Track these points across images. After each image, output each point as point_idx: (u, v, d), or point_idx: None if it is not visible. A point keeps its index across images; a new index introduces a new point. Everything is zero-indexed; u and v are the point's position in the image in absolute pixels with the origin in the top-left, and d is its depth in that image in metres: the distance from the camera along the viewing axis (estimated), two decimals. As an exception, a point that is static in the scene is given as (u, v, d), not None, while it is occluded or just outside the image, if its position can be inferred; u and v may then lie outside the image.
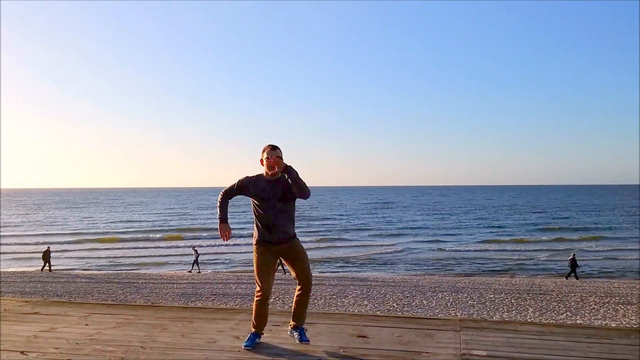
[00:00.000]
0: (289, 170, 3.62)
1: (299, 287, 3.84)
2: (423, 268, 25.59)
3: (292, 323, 3.90)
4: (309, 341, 3.79)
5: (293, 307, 3.89)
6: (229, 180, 3.78)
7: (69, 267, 26.02)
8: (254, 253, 3.82)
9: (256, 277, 3.80)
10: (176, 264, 27.60)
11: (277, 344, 3.87)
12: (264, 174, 3.76)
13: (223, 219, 3.84)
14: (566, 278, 20.93)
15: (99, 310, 5.07)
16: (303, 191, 3.68)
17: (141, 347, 3.81)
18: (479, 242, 36.31)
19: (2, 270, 23.76)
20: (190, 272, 23.43)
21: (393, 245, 34.92)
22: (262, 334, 3.92)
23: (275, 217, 3.71)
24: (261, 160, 3.73)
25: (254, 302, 3.84)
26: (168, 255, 31.42)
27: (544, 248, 32.81)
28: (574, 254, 22.06)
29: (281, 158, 3.67)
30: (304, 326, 3.90)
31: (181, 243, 37.30)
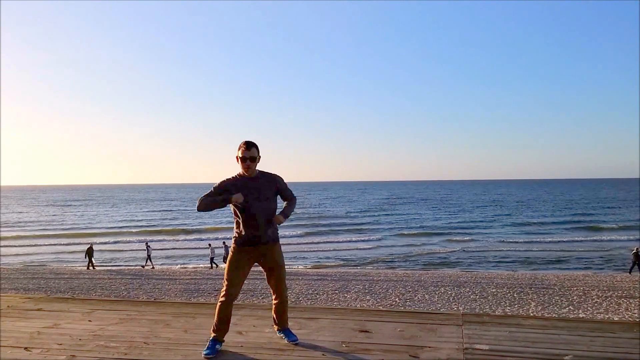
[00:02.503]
0: (285, 218, 3.62)
1: (274, 297, 3.79)
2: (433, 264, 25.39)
3: (275, 327, 3.88)
4: (297, 339, 3.76)
5: (272, 314, 3.85)
6: (224, 175, 3.68)
7: (71, 263, 26.14)
8: (230, 251, 3.69)
9: (225, 277, 3.66)
10: (177, 258, 27.67)
11: (280, 339, 3.87)
12: (241, 173, 3.61)
13: (224, 197, 3.51)
14: (630, 273, 20.51)
15: (102, 306, 5.08)
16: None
17: (144, 342, 3.82)
18: (504, 242, 34.08)
19: (6, 267, 23.85)
20: (143, 267, 23.79)
21: (430, 244, 33.03)
22: (223, 341, 3.69)
23: (255, 217, 3.56)
24: (237, 158, 3.57)
25: (218, 303, 3.68)
26: (170, 248, 31.50)
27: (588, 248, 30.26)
28: (637, 248, 21.46)
29: (256, 157, 3.55)
30: (287, 327, 3.86)
31: (180, 237, 37.42)
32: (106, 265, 25.40)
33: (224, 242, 25.53)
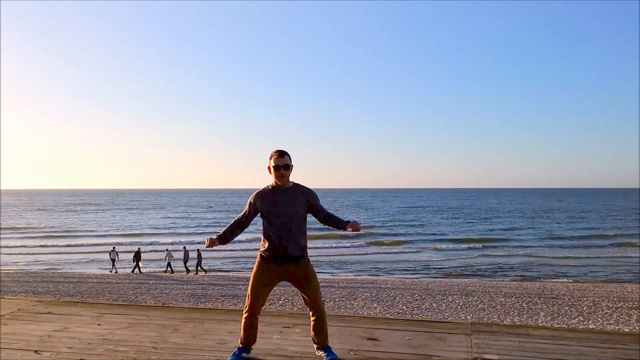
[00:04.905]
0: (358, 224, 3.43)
1: (311, 314, 3.61)
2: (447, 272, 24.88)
3: (315, 346, 3.67)
4: (337, 358, 3.56)
5: (311, 332, 3.64)
6: (233, 180, 3.63)
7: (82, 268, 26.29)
8: (255, 264, 3.54)
9: (248, 290, 3.54)
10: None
11: (288, 346, 3.87)
12: (273, 184, 3.48)
13: (219, 236, 3.50)
14: None
15: (111, 310, 5.11)
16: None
17: (153, 347, 3.84)
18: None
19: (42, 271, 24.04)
20: (111, 272, 24.12)
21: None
22: (251, 349, 3.64)
23: (283, 232, 3.39)
24: (268, 168, 3.43)
25: (242, 317, 3.58)
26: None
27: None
28: None
29: (289, 165, 3.41)
30: (327, 344, 3.66)
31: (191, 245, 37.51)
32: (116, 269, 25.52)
33: (184, 247, 25.70)
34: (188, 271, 24.03)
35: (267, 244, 3.46)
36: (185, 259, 24.48)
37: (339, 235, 41.96)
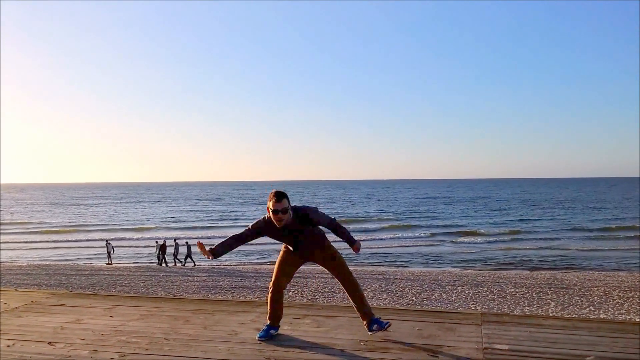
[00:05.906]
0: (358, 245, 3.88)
1: (346, 290, 3.99)
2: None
3: (364, 323, 3.94)
4: (383, 325, 3.84)
5: (353, 305, 4.00)
6: (234, 173, 3.68)
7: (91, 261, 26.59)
8: (281, 250, 3.94)
9: (274, 268, 3.94)
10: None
11: (298, 337, 3.90)
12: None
13: (213, 250, 3.67)
14: None
15: (123, 302, 5.17)
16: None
17: (164, 338, 3.88)
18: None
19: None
20: (108, 264, 24.39)
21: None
22: (279, 326, 3.96)
23: (298, 245, 3.83)
24: (267, 209, 3.67)
25: (268, 294, 3.94)
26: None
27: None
28: None
29: (287, 208, 3.60)
30: (373, 317, 3.91)
31: (195, 235, 37.74)
32: (125, 262, 25.80)
33: (175, 240, 25.90)
34: (181, 263, 24.37)
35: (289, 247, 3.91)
36: (176, 252, 24.83)
37: (355, 229, 41.86)
